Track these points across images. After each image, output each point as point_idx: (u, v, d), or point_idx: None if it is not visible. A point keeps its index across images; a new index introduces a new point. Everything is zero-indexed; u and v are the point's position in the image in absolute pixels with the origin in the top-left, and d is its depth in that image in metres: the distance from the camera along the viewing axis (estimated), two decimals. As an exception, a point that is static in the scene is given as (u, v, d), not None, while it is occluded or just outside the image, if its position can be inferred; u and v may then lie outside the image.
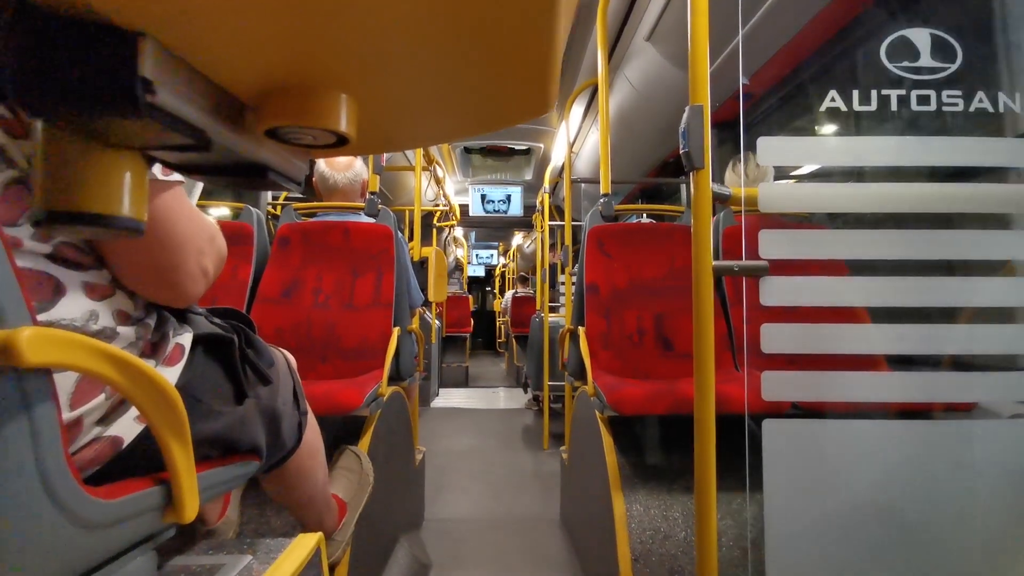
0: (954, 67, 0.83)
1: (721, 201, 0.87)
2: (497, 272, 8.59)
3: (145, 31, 0.19)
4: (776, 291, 0.83)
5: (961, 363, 0.86)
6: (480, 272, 10.77)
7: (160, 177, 0.52)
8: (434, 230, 4.30)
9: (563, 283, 3.24)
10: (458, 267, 7.23)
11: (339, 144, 0.25)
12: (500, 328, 7.32)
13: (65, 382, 0.45)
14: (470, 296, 7.93)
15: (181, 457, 0.49)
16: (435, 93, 0.25)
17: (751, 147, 0.85)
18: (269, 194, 2.72)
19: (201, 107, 0.22)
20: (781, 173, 1.55)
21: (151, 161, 0.25)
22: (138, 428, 0.52)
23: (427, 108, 0.27)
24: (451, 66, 0.23)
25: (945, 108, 0.83)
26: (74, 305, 0.47)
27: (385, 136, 0.30)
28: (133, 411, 0.52)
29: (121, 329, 0.51)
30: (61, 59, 0.19)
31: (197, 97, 0.21)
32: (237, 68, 0.22)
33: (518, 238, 7.75)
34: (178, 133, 0.21)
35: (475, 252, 10.09)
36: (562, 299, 3.85)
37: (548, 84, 0.24)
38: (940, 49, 0.83)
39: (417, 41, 0.21)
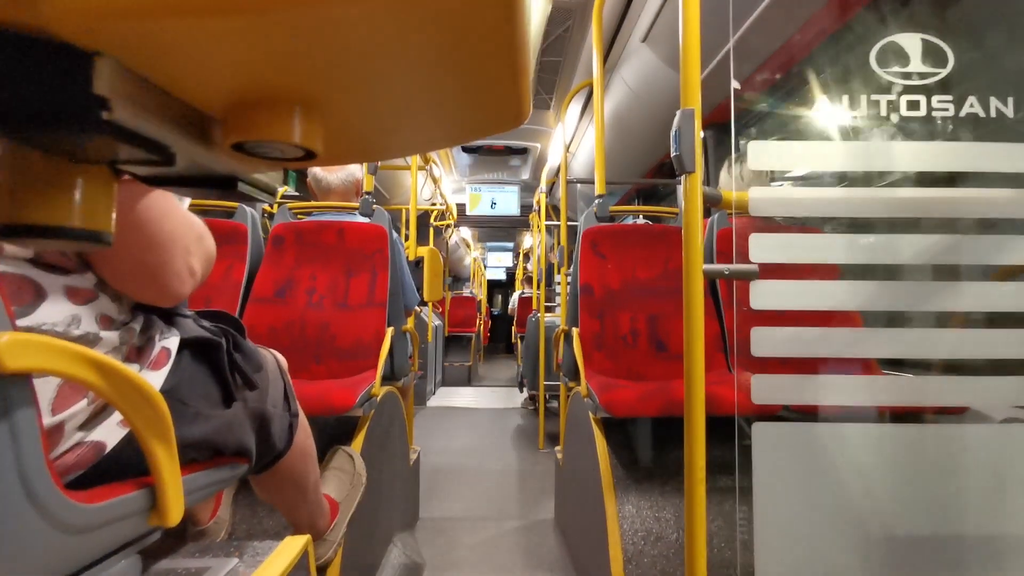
0: (945, 72, 0.83)
1: (712, 204, 0.87)
2: (518, 275, 8.65)
3: (102, 51, 0.19)
4: (766, 295, 0.83)
5: (952, 367, 0.86)
6: (501, 275, 10.81)
7: None
8: (431, 229, 4.29)
9: (559, 283, 3.24)
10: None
11: (308, 157, 0.25)
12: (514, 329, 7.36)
13: (46, 387, 0.45)
14: (481, 297, 7.94)
15: (165, 461, 0.49)
16: (406, 106, 0.25)
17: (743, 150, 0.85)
18: (264, 193, 2.71)
19: (163, 122, 0.22)
20: (777, 174, 1.54)
21: (119, 173, 0.25)
22: (121, 432, 0.52)
23: (399, 120, 0.27)
24: (419, 81, 0.23)
25: (935, 113, 0.83)
26: (55, 309, 0.47)
27: (358, 148, 0.30)
28: (117, 416, 0.52)
29: (104, 334, 0.51)
30: (15, 76, 0.19)
31: (158, 113, 0.21)
32: (199, 84, 0.22)
33: (528, 239, 7.73)
34: (139, 148, 0.21)
35: (493, 255, 10.09)
36: (558, 298, 3.85)
37: (520, 96, 0.24)
38: (931, 54, 0.83)
39: (382, 57, 0.21)
